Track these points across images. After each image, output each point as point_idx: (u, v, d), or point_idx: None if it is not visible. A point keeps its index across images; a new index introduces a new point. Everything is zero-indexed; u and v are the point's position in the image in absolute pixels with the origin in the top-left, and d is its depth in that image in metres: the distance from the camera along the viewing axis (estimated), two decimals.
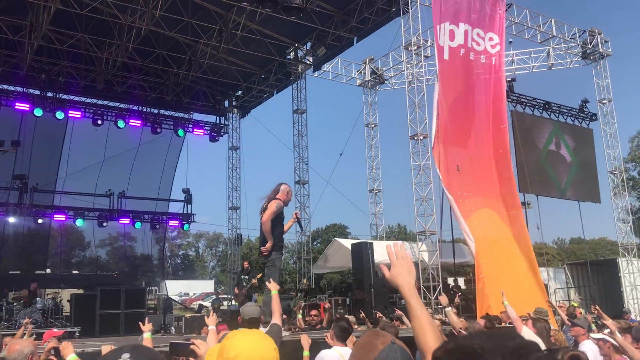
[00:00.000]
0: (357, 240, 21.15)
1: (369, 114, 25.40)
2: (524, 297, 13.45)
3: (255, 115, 26.12)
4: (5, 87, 19.26)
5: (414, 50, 17.39)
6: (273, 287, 5.92)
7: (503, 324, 8.34)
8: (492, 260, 14.58)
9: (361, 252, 16.83)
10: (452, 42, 15.98)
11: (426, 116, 17.02)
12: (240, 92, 24.48)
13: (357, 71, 25.10)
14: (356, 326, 11.64)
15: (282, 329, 6.06)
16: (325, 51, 20.64)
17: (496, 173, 15.79)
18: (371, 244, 17.66)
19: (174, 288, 40.93)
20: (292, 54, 21.80)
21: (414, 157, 17.08)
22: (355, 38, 19.84)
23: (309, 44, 21.27)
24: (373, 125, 25.36)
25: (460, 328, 6.91)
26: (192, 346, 3.38)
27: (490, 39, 16.71)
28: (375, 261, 17.02)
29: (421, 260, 17.74)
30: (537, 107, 21.25)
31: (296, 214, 9.46)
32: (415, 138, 17.00)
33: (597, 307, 10.10)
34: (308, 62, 22.20)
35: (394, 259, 2.10)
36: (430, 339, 1.82)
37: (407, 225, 58.15)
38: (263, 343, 1.82)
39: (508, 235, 15.28)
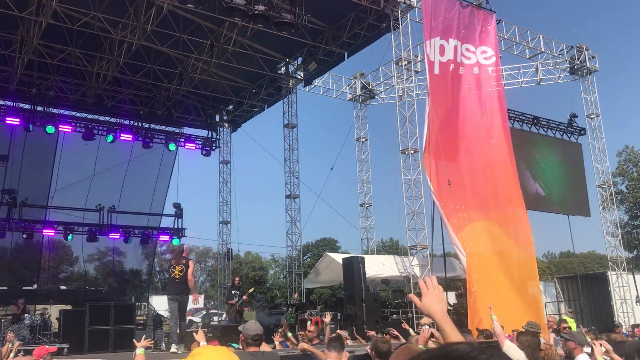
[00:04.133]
0: (349, 255, 21.12)
1: (360, 128, 25.52)
2: (516, 311, 13.48)
3: (246, 129, 26.19)
4: None
5: (405, 65, 17.52)
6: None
7: (495, 337, 8.34)
8: (483, 275, 14.62)
9: (352, 267, 16.81)
10: (442, 57, 16.15)
11: (417, 130, 17.12)
12: (231, 106, 24.52)
13: (348, 86, 25.24)
14: (348, 341, 11.59)
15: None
16: (316, 66, 20.75)
17: (491, 187, 15.88)
18: (362, 258, 17.66)
19: (163, 303, 40.56)
20: (283, 68, 21.90)
21: (405, 171, 17.13)
22: (346, 53, 19.97)
23: (300, 59, 21.38)
24: (364, 140, 25.45)
25: None
26: None
27: (483, 52, 16.91)
28: (366, 275, 17.02)
29: (412, 275, 17.73)
30: (525, 121, 21.45)
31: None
32: (406, 152, 17.07)
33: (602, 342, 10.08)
34: (299, 77, 22.30)
35: (425, 289, 2.17)
36: None
37: (399, 239, 58.20)
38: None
39: (500, 249, 15.33)
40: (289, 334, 11.77)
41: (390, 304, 19.14)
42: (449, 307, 17.95)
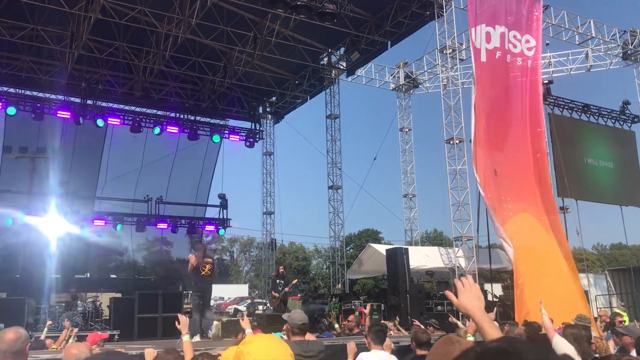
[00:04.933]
0: (392, 246, 21.02)
1: (403, 118, 25.28)
2: (564, 304, 13.15)
3: (289, 120, 26.28)
4: (48, 95, 19.80)
5: (449, 53, 17.24)
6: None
7: (543, 330, 8.17)
8: (530, 267, 14.31)
9: (396, 258, 16.73)
10: (488, 44, 15.80)
11: (462, 120, 16.85)
12: (274, 98, 24.64)
13: (391, 75, 25.00)
14: (391, 332, 11.56)
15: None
16: (358, 56, 20.61)
17: (534, 177, 15.51)
18: (406, 249, 17.55)
19: None
20: (326, 59, 21.85)
21: (450, 161, 16.90)
22: (389, 42, 19.76)
23: (342, 49, 21.28)
24: (407, 130, 25.22)
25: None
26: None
27: (527, 41, 16.47)
28: (410, 267, 16.91)
29: (457, 267, 17.54)
30: (575, 109, 20.79)
31: None
32: (451, 142, 16.82)
33: None
34: (341, 67, 22.21)
35: (462, 287, 2.18)
36: None
37: (443, 230, 57.56)
38: (279, 349, 1.80)
39: (547, 240, 14.97)
40: (336, 325, 11.83)
41: (434, 295, 18.98)
42: (495, 299, 17.68)
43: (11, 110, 17.32)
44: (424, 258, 20.02)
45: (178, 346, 4.80)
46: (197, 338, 10.96)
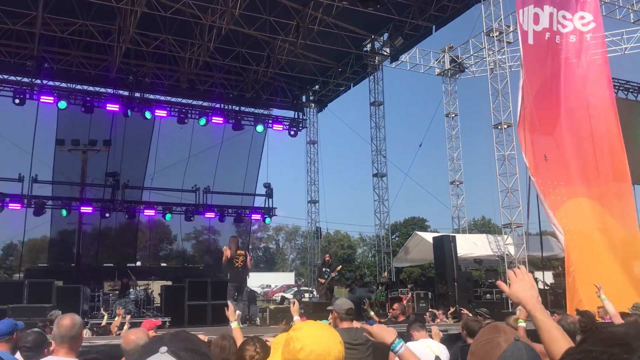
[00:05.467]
0: (439, 234, 20.79)
1: (449, 103, 24.88)
2: (618, 292, 12.72)
3: (332, 109, 26.22)
4: (97, 89, 20.32)
5: (496, 36, 16.81)
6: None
7: (599, 320, 7.93)
8: (583, 254, 13.88)
9: (443, 246, 16.55)
10: (536, 25, 15.30)
11: (510, 104, 16.45)
12: (317, 86, 24.60)
13: (436, 60, 24.60)
14: (438, 320, 11.45)
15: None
16: (402, 41, 20.33)
17: (593, 161, 14.95)
18: (454, 237, 17.34)
19: (256, 280, 41.89)
20: (369, 45, 21.64)
21: (498, 147, 16.54)
22: (434, 26, 19.41)
23: (385, 35, 21.04)
24: (453, 115, 24.81)
25: None
26: None
27: (581, 17, 15.82)
28: (458, 255, 16.69)
29: (506, 254, 17.22)
30: (631, 90, 20.01)
31: None
32: (499, 127, 16.45)
33: None
34: (385, 54, 21.97)
35: (514, 276, 2.16)
36: (564, 348, 1.74)
37: (492, 218, 56.57)
38: (329, 336, 1.77)
39: (605, 226, 14.45)
40: (371, 312, 11.80)
41: (483, 283, 18.69)
42: (546, 287, 17.27)
43: (62, 104, 17.85)
44: (471, 246, 19.73)
45: (228, 333, 4.85)
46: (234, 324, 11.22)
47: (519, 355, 1.68)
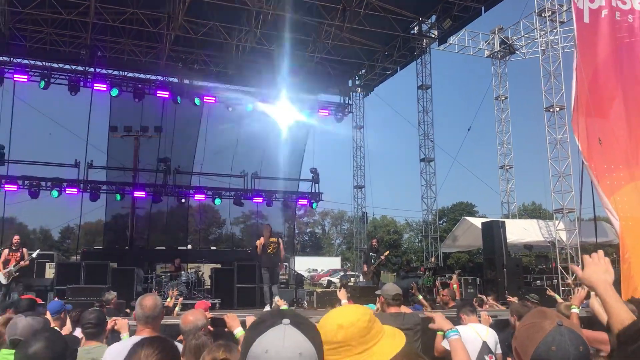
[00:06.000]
0: (488, 219, 20.47)
1: (499, 86, 24.34)
2: None
3: (379, 93, 26.02)
4: (148, 76, 20.78)
5: (548, 16, 16.30)
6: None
7: None
8: (639, 240, 13.42)
9: (492, 231, 16.30)
10: (592, 3, 14.72)
11: (562, 86, 15.96)
12: (363, 70, 24.43)
13: (486, 42, 24.07)
14: (487, 306, 11.31)
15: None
16: (451, 23, 19.92)
17: None
18: (503, 222, 17.06)
19: (303, 264, 42.34)
20: (417, 28, 21.31)
21: (550, 130, 16.10)
22: (483, 7, 18.93)
23: (433, 17, 20.66)
24: (503, 98, 24.27)
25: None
26: (224, 316, 4.03)
27: None
28: (507, 240, 16.41)
29: (558, 240, 16.84)
30: None
31: None
32: (551, 110, 16.00)
33: None
34: (433, 36, 21.60)
35: (589, 260, 2.17)
36: None
37: (542, 203, 55.29)
38: (354, 310, 1.74)
39: None
40: (419, 297, 11.77)
41: (533, 270, 18.34)
42: None
43: (114, 92, 18.36)
44: (521, 231, 19.37)
45: None
46: (267, 308, 12.11)
47: (560, 340, 1.65)
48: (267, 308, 12.17)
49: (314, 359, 1.37)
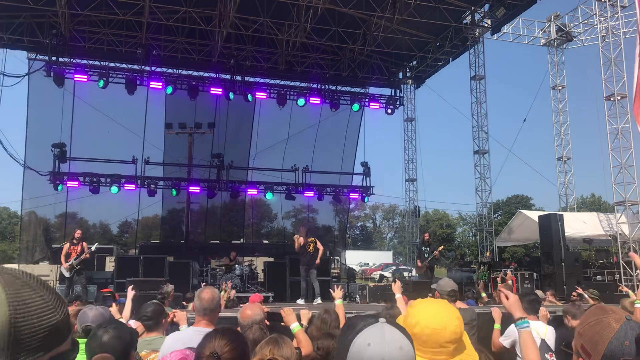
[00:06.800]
0: (545, 212, 19.91)
1: (556, 75, 23.60)
2: None
3: (431, 84, 25.68)
4: (201, 73, 21.18)
5: (608, 1, 15.65)
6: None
7: None
8: None
9: (550, 225, 15.85)
10: None
11: (624, 74, 15.33)
12: (414, 62, 24.13)
13: (541, 30, 23.36)
14: (545, 302, 11.02)
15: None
16: (504, 12, 19.40)
17: None
18: (561, 215, 16.57)
19: (354, 258, 42.30)
20: (469, 18, 20.86)
21: (610, 119, 15.50)
22: None
23: (487, 6, 20.16)
24: (560, 87, 23.53)
25: None
26: (281, 311, 3.99)
27: None
28: (565, 234, 15.93)
29: (620, 234, 16.23)
30: None
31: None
32: (612, 99, 15.39)
33: None
34: (486, 25, 21.10)
35: None
36: None
37: (602, 195, 53.45)
38: (445, 311, 1.76)
39: None
40: (483, 294, 11.64)
41: (593, 264, 17.73)
42: None
43: (169, 89, 18.79)
44: (580, 225, 18.75)
45: (332, 308, 4.99)
46: (300, 301, 13.18)
47: (632, 335, 1.66)
48: (300, 301, 13.16)
49: (411, 353, 1.43)
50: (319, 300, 12.95)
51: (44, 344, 0.93)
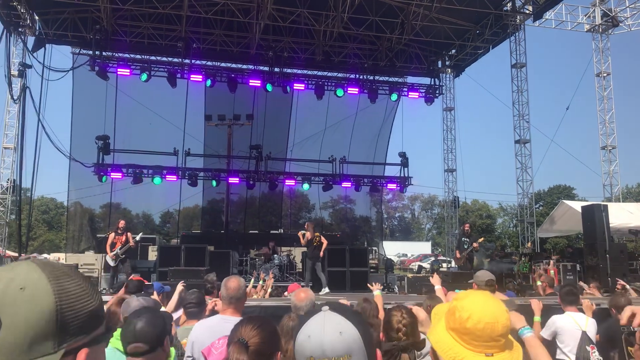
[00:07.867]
0: (588, 203, 19.43)
1: (600, 62, 22.90)
2: None
3: (470, 73, 25.31)
4: (239, 66, 21.37)
5: None
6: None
7: None
8: None
9: (593, 215, 15.44)
10: None
11: None
12: (453, 51, 23.76)
13: (585, 15, 22.69)
14: (586, 294, 10.79)
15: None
16: None
17: None
18: (605, 206, 16.13)
19: (392, 249, 42.17)
20: (510, 4, 20.42)
21: None
22: None
23: None
24: (605, 75, 22.83)
25: None
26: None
27: None
28: (610, 225, 15.52)
29: None
30: None
31: None
32: None
33: None
34: (527, 12, 20.62)
35: None
36: None
37: None
38: (495, 304, 1.74)
39: None
40: (539, 283, 11.46)
41: (639, 256, 17.24)
42: None
43: (208, 82, 19.02)
44: (626, 215, 18.24)
45: (371, 297, 5.02)
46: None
47: None
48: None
49: (354, 336, 1.39)
50: (326, 290, 13.59)
51: (84, 328, 1.02)
